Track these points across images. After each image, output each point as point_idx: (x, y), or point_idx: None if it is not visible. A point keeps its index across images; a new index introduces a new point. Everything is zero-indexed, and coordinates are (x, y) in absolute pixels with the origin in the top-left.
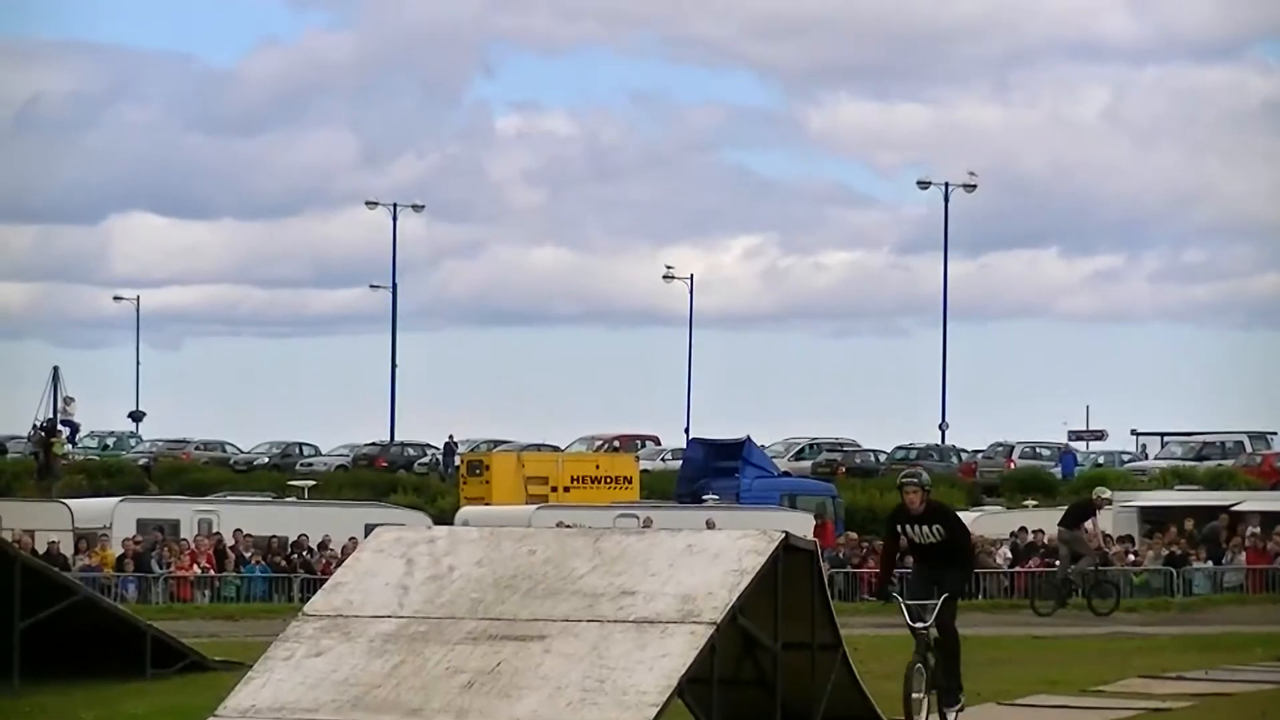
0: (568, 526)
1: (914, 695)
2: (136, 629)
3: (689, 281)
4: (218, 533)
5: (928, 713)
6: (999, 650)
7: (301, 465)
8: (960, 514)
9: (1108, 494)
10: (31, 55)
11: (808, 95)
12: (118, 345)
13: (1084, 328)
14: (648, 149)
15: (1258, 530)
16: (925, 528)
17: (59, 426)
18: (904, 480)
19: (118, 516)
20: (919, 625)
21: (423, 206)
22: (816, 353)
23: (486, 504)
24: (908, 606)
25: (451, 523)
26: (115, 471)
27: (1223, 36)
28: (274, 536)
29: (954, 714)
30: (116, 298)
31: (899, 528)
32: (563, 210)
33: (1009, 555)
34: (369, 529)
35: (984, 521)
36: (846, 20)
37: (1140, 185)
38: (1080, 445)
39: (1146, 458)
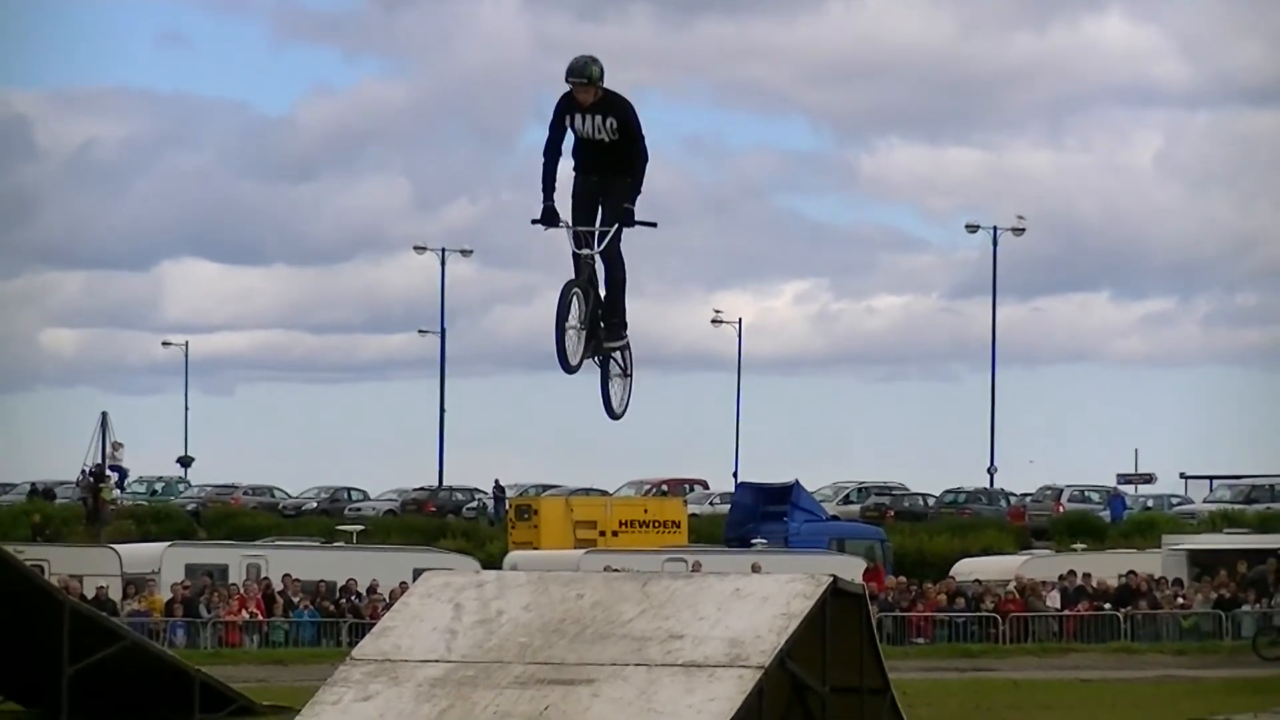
0: (616, 571)
1: (568, 326)
2: (185, 674)
3: (738, 325)
4: (266, 578)
5: (582, 346)
6: (1049, 695)
7: (350, 510)
8: (1009, 558)
9: None
10: (84, 102)
11: (859, 140)
12: (167, 391)
13: (1134, 371)
14: (699, 194)
15: None
16: (597, 119)
17: (108, 472)
18: (572, 80)
19: (166, 561)
20: (584, 252)
21: (470, 251)
22: (866, 397)
23: (535, 548)
24: (575, 233)
25: (500, 567)
26: (164, 517)
27: (1276, 80)
28: (322, 581)
29: (619, 348)
30: (165, 343)
31: (566, 118)
32: None
33: (1058, 599)
34: (417, 574)
35: (1033, 565)
36: (898, 65)
37: (1192, 229)
38: (1129, 489)
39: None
